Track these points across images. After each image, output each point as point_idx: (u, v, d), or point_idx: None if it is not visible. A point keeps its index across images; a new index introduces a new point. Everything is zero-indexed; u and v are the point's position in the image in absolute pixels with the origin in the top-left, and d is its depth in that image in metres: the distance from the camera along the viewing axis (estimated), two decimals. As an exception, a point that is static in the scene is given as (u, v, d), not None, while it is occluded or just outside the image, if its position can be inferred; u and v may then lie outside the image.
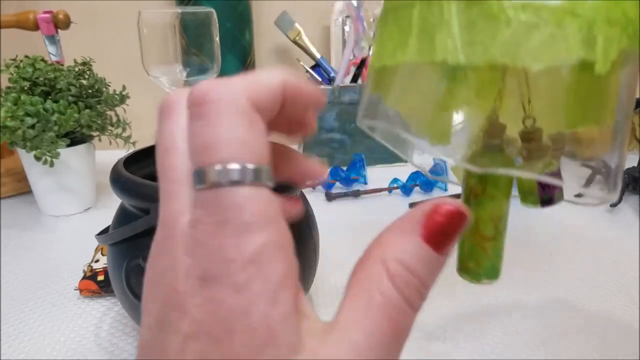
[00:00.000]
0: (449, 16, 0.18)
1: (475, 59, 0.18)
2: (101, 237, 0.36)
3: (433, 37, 0.19)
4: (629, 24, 0.18)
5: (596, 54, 0.18)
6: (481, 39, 0.18)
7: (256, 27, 0.90)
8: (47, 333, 0.40)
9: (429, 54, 0.19)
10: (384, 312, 0.15)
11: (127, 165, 0.37)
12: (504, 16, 0.17)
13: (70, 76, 0.60)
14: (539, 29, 0.17)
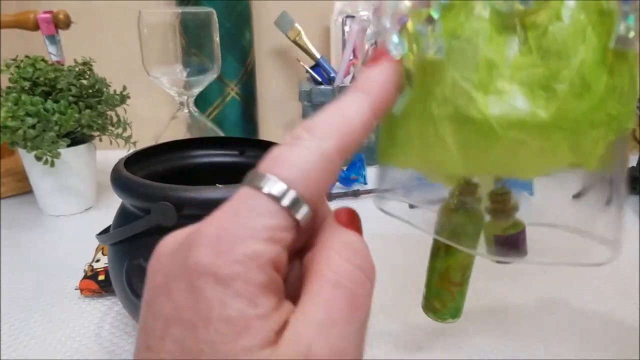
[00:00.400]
0: (443, 133, 0.19)
1: (473, 170, 0.20)
2: (102, 236, 0.36)
3: (431, 150, 0.20)
4: (613, 121, 0.19)
5: (583, 156, 0.19)
6: (475, 153, 0.19)
7: (256, 27, 0.90)
8: (47, 333, 0.40)
9: (430, 165, 0.21)
10: (336, 284, 0.16)
11: (128, 165, 0.37)
12: (494, 134, 0.18)
13: (70, 76, 0.60)
14: (527, 145, 0.18)
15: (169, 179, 0.35)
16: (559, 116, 0.18)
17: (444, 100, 0.19)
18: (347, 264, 0.17)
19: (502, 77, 0.18)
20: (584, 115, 0.18)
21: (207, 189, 0.32)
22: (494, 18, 0.19)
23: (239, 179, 0.34)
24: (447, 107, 0.19)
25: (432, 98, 0.19)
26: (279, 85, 0.97)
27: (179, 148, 0.44)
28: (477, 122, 0.18)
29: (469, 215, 0.23)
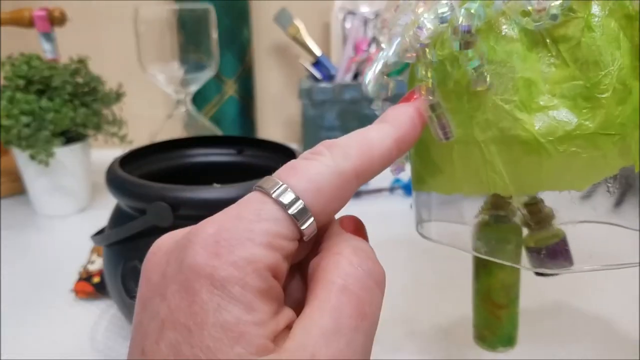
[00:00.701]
0: (490, 157, 0.20)
1: (526, 190, 0.20)
2: (97, 238, 0.36)
3: (477, 173, 0.20)
4: None
5: (633, 157, 0.19)
6: (526, 173, 0.19)
7: (255, 23, 0.89)
8: (42, 335, 0.39)
9: (479, 188, 0.20)
10: (344, 291, 0.16)
11: (123, 165, 0.37)
12: (544, 151, 0.19)
13: (65, 74, 0.60)
14: (578, 156, 0.19)
15: (165, 178, 0.35)
16: (606, 124, 0.18)
17: (486, 124, 0.19)
18: (356, 270, 0.16)
19: (543, 93, 0.19)
20: (629, 118, 0.19)
21: (204, 188, 0.31)
22: (523, 37, 0.19)
23: (237, 178, 0.33)
24: (492, 130, 0.19)
25: (474, 123, 0.20)
26: (278, 83, 0.97)
27: (175, 147, 0.44)
28: (525, 141, 0.19)
29: (506, 229, 0.23)
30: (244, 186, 0.32)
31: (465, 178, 0.21)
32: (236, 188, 0.31)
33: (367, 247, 0.18)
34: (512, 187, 0.19)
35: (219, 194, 0.31)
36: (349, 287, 0.16)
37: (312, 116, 0.79)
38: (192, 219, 0.31)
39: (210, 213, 0.31)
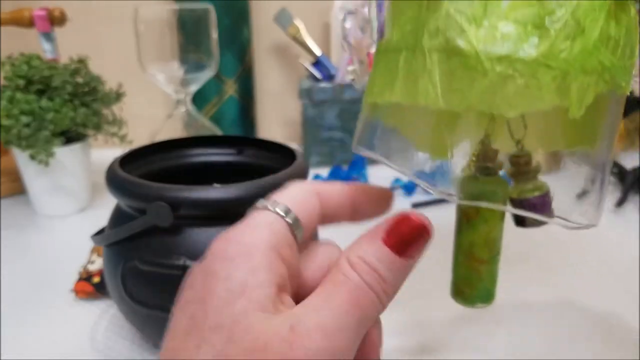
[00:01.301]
0: (431, 65, 0.20)
1: (454, 105, 0.19)
2: (97, 237, 0.36)
3: (416, 82, 0.20)
4: (605, 71, 0.19)
5: (570, 101, 0.19)
6: (459, 87, 0.19)
7: (255, 23, 0.89)
8: (42, 335, 0.39)
9: (413, 98, 0.20)
10: (347, 292, 0.18)
11: (123, 165, 0.37)
12: (481, 67, 0.19)
13: (65, 74, 0.60)
14: (513, 79, 0.19)
15: (165, 178, 0.35)
16: (548, 55, 0.18)
17: (436, 31, 0.19)
18: (357, 277, 0.18)
19: (496, 14, 0.19)
20: (575, 58, 0.19)
21: (204, 188, 0.31)
22: None
23: (237, 178, 0.33)
24: (439, 38, 0.19)
25: (426, 30, 0.20)
26: (278, 83, 0.97)
27: (175, 147, 0.44)
28: (465, 55, 0.19)
29: (492, 182, 0.23)
30: (244, 186, 0.32)
31: (404, 86, 0.21)
32: (236, 188, 0.31)
33: (378, 266, 0.18)
34: (442, 100, 0.19)
35: (218, 194, 0.31)
36: (350, 291, 0.18)
37: (312, 116, 0.79)
38: (192, 218, 0.31)
39: (210, 213, 0.31)
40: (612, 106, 0.22)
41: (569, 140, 0.23)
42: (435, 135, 0.24)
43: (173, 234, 0.32)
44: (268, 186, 0.33)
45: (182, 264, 0.31)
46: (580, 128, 0.22)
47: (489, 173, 0.23)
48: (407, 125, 0.24)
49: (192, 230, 0.32)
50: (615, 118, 0.22)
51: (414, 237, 0.19)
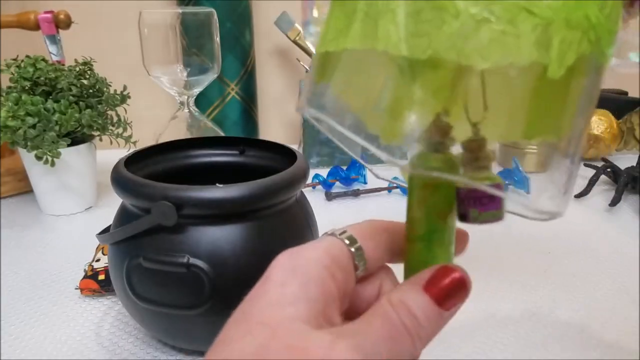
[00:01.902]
0: (395, 3, 0.17)
1: (418, 52, 0.16)
2: (102, 236, 0.36)
3: (377, 24, 0.17)
4: (591, 28, 0.17)
5: (550, 57, 0.17)
6: (426, 30, 0.16)
7: (256, 27, 0.90)
8: (47, 332, 0.40)
9: (371, 42, 0.17)
10: (385, 325, 0.18)
11: (128, 165, 0.37)
12: (452, 7, 0.16)
13: (71, 76, 0.60)
14: (489, 24, 0.16)
15: (169, 178, 0.36)
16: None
17: None
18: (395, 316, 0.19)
19: None
20: (560, 7, 0.16)
21: (207, 188, 0.32)
22: None
23: (239, 178, 0.34)
24: None
25: None
26: (279, 85, 0.98)
27: (179, 148, 0.45)
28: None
29: (441, 159, 0.20)
30: (246, 186, 0.32)
31: (362, 30, 0.18)
32: (238, 188, 0.32)
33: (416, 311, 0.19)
34: (404, 45, 0.17)
35: (221, 194, 0.32)
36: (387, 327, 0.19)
37: (312, 118, 0.79)
38: (195, 217, 0.32)
39: (213, 212, 0.32)
40: (589, 80, 0.19)
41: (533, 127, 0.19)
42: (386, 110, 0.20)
43: (177, 232, 0.32)
44: (269, 186, 0.33)
45: (185, 262, 0.31)
46: (549, 110, 0.19)
47: (437, 149, 0.20)
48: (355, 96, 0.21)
49: (195, 229, 0.32)
50: (590, 96, 0.19)
51: (454, 290, 0.19)
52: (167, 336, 0.36)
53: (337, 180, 0.71)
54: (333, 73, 0.20)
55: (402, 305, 0.19)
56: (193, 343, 0.36)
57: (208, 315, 0.32)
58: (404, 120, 0.19)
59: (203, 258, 0.32)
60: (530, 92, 0.18)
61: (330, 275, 0.19)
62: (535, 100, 0.18)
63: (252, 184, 0.33)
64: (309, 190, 0.71)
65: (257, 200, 0.33)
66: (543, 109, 0.18)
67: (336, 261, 0.20)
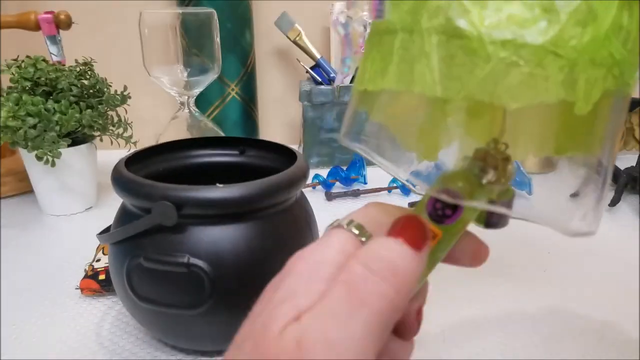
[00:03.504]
0: (429, 48, 0.18)
1: (452, 93, 0.18)
2: (102, 236, 0.36)
3: (412, 67, 0.18)
4: (615, 65, 0.18)
5: (577, 95, 0.17)
6: (459, 73, 0.17)
7: (256, 27, 0.90)
8: (48, 332, 0.40)
9: (408, 84, 0.19)
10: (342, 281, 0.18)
11: (129, 165, 0.37)
12: (483, 52, 0.17)
13: (71, 76, 0.60)
14: (518, 67, 0.17)
15: (169, 178, 0.36)
16: (557, 42, 0.17)
17: (435, 11, 0.18)
18: (358, 266, 0.18)
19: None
20: (585, 47, 0.17)
21: (207, 188, 0.32)
22: None
23: (239, 178, 0.34)
24: (439, 18, 0.18)
25: (425, 9, 0.18)
26: (279, 86, 0.98)
27: (179, 148, 0.45)
28: (467, 37, 0.17)
29: (464, 179, 0.21)
30: (246, 186, 0.32)
31: (398, 71, 0.19)
32: (238, 188, 0.32)
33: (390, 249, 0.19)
34: (439, 87, 0.18)
35: (221, 194, 0.32)
36: (345, 279, 0.18)
37: (312, 118, 0.80)
38: (195, 217, 0.32)
39: (213, 212, 0.32)
40: (615, 108, 0.20)
41: (564, 145, 0.21)
42: (424, 134, 0.22)
43: (177, 232, 0.32)
44: (269, 186, 0.33)
45: (186, 262, 0.31)
46: (578, 131, 0.20)
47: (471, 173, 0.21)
48: (395, 121, 0.23)
49: (195, 229, 0.32)
50: (618, 121, 0.20)
51: (415, 228, 0.19)
52: (167, 336, 0.36)
53: (337, 180, 0.71)
54: (374, 103, 0.22)
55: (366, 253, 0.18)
56: (193, 343, 0.36)
57: (208, 315, 0.32)
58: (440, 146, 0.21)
59: (203, 258, 0.32)
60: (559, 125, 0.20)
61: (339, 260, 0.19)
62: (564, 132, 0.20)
63: (252, 184, 0.33)
64: (309, 190, 0.71)
65: (257, 200, 0.33)
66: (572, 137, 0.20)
67: (348, 257, 0.19)
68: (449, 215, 0.20)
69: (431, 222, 0.21)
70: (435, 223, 0.21)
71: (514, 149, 0.21)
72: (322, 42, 0.92)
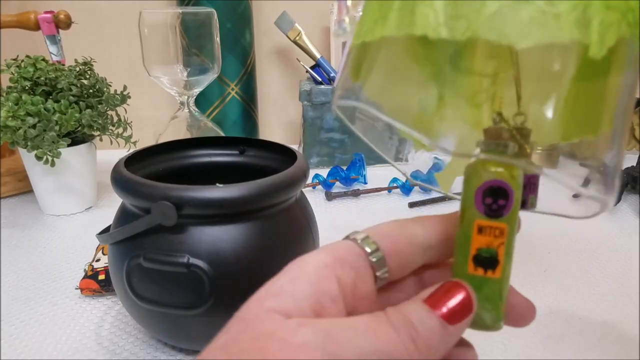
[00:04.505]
0: None
1: (457, 34, 0.17)
2: (102, 236, 0.36)
3: (414, 9, 0.18)
4: (630, 11, 0.17)
5: (591, 37, 0.17)
6: (465, 12, 0.17)
7: (256, 27, 0.90)
8: (48, 332, 0.40)
9: (409, 27, 0.18)
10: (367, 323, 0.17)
11: (128, 165, 0.37)
12: None
13: (71, 76, 0.60)
14: (528, 4, 0.16)
15: (169, 178, 0.36)
16: None
17: None
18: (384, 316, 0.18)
19: None
20: None
21: (207, 188, 0.32)
22: None
23: (239, 178, 0.34)
24: None
25: None
26: (279, 85, 0.98)
27: (179, 148, 0.45)
28: None
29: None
30: (246, 186, 0.32)
31: (400, 16, 0.18)
32: (238, 188, 0.32)
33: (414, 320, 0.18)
34: (444, 29, 0.17)
35: (221, 194, 0.32)
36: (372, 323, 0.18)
37: (311, 117, 0.80)
38: (195, 217, 0.32)
39: (213, 212, 0.32)
40: (628, 71, 0.19)
41: (572, 128, 0.20)
42: (422, 118, 0.21)
43: (177, 232, 0.32)
44: (269, 186, 0.33)
45: (185, 262, 0.31)
46: (589, 104, 0.19)
47: (497, 150, 0.20)
48: (391, 100, 0.21)
49: (195, 229, 0.32)
50: (630, 92, 0.19)
51: (457, 306, 0.18)
52: (167, 336, 0.36)
53: (337, 180, 0.71)
54: (368, 76, 0.21)
55: (396, 311, 0.18)
56: (193, 343, 0.36)
57: (208, 315, 0.32)
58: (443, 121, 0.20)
59: (203, 258, 0.32)
60: (573, 97, 0.18)
61: (330, 273, 0.18)
62: (577, 105, 0.19)
63: (252, 184, 0.33)
64: (309, 190, 0.71)
65: (257, 200, 0.33)
66: (583, 112, 0.19)
67: (341, 260, 0.19)
68: (504, 204, 0.19)
69: (492, 220, 0.19)
70: (495, 219, 0.19)
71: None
72: (322, 42, 0.92)
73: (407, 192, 0.69)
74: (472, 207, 0.20)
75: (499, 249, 0.19)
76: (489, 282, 0.20)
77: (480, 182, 0.19)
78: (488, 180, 0.19)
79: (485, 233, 0.20)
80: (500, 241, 0.19)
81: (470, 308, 0.19)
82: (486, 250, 0.20)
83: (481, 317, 0.20)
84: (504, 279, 0.20)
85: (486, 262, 0.20)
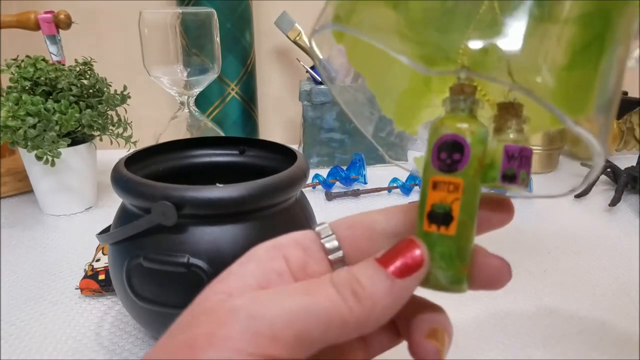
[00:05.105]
0: None
1: None
2: (102, 236, 0.36)
3: None
4: None
5: None
6: None
7: (256, 27, 0.90)
8: (47, 332, 0.40)
9: None
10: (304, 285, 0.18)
11: (128, 165, 0.37)
12: None
13: (71, 76, 0.60)
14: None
15: (169, 178, 0.36)
16: None
17: None
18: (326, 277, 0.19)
19: None
20: None
21: (207, 188, 0.32)
22: None
23: (239, 178, 0.34)
24: None
25: None
26: (279, 85, 0.98)
27: (179, 148, 0.45)
28: None
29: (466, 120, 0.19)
30: (246, 186, 0.32)
31: None
32: (238, 188, 0.32)
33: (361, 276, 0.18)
34: None
35: (221, 194, 0.32)
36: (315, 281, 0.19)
37: (311, 117, 0.80)
38: (195, 217, 0.32)
39: (213, 212, 0.32)
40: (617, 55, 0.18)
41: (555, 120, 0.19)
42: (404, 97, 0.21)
43: (177, 232, 0.32)
44: (269, 186, 0.33)
45: (185, 262, 0.31)
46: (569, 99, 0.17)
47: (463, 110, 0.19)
48: (373, 72, 0.20)
49: (195, 229, 0.32)
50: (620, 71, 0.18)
51: (406, 260, 0.18)
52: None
53: (337, 180, 0.71)
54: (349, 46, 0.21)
55: (343, 271, 0.19)
56: (193, 343, 0.36)
57: (208, 315, 0.32)
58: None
59: (203, 258, 0.32)
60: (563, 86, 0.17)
61: (277, 252, 0.20)
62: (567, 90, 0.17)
63: (252, 184, 0.33)
64: (309, 190, 0.71)
65: (257, 200, 0.33)
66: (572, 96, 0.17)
67: (294, 242, 0.20)
68: (459, 159, 0.19)
69: (446, 175, 0.19)
70: (450, 174, 0.19)
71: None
72: (322, 42, 0.92)
73: (407, 192, 0.69)
74: (429, 164, 0.19)
75: (453, 204, 0.19)
76: (444, 239, 0.19)
77: (437, 137, 0.19)
78: (444, 135, 0.19)
79: (439, 189, 0.19)
80: (455, 197, 0.19)
81: (420, 263, 0.18)
82: (439, 205, 0.19)
83: (435, 276, 0.19)
84: (461, 238, 0.19)
85: (440, 218, 0.19)
